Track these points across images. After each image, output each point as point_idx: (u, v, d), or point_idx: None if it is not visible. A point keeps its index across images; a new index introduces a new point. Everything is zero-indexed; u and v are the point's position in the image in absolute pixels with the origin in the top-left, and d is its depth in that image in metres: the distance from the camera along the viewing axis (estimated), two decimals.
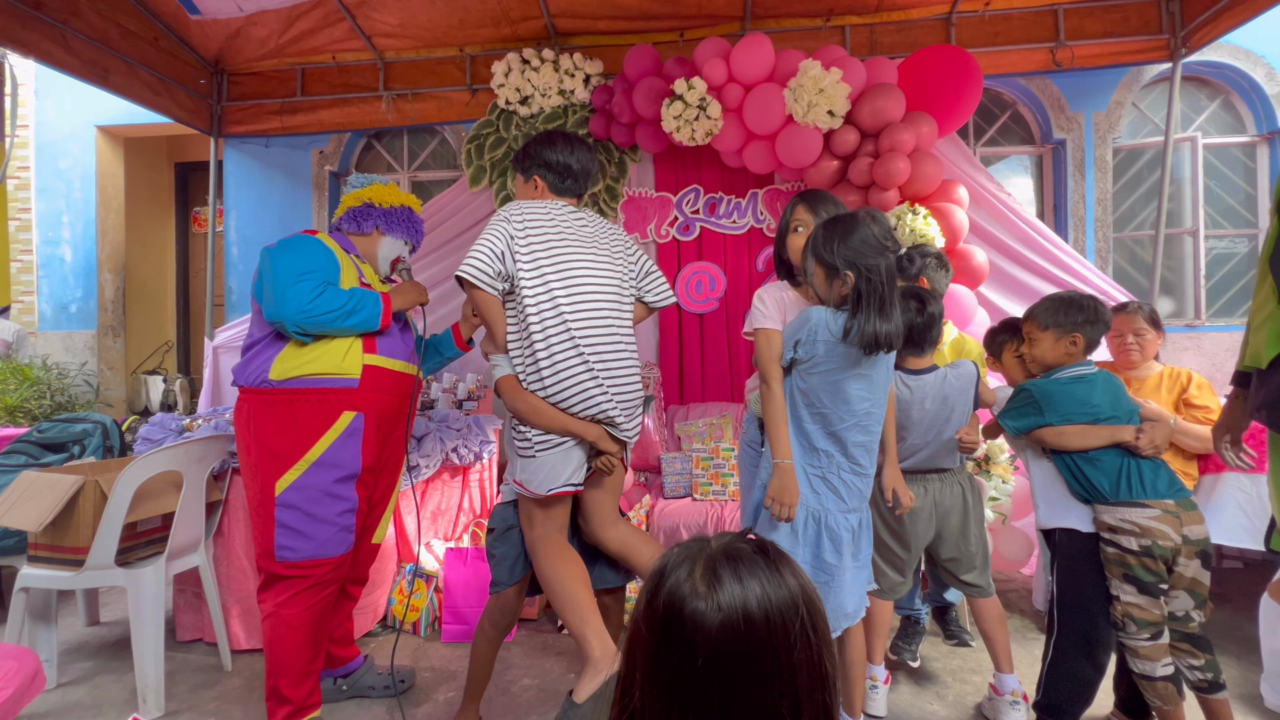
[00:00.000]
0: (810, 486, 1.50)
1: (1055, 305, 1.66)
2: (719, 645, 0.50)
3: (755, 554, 0.54)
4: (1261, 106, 3.16)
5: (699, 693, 0.50)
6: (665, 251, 3.34)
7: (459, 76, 3.50)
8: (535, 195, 1.69)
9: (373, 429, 1.69)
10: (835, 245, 1.43)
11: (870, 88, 2.73)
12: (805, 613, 0.52)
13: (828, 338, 1.44)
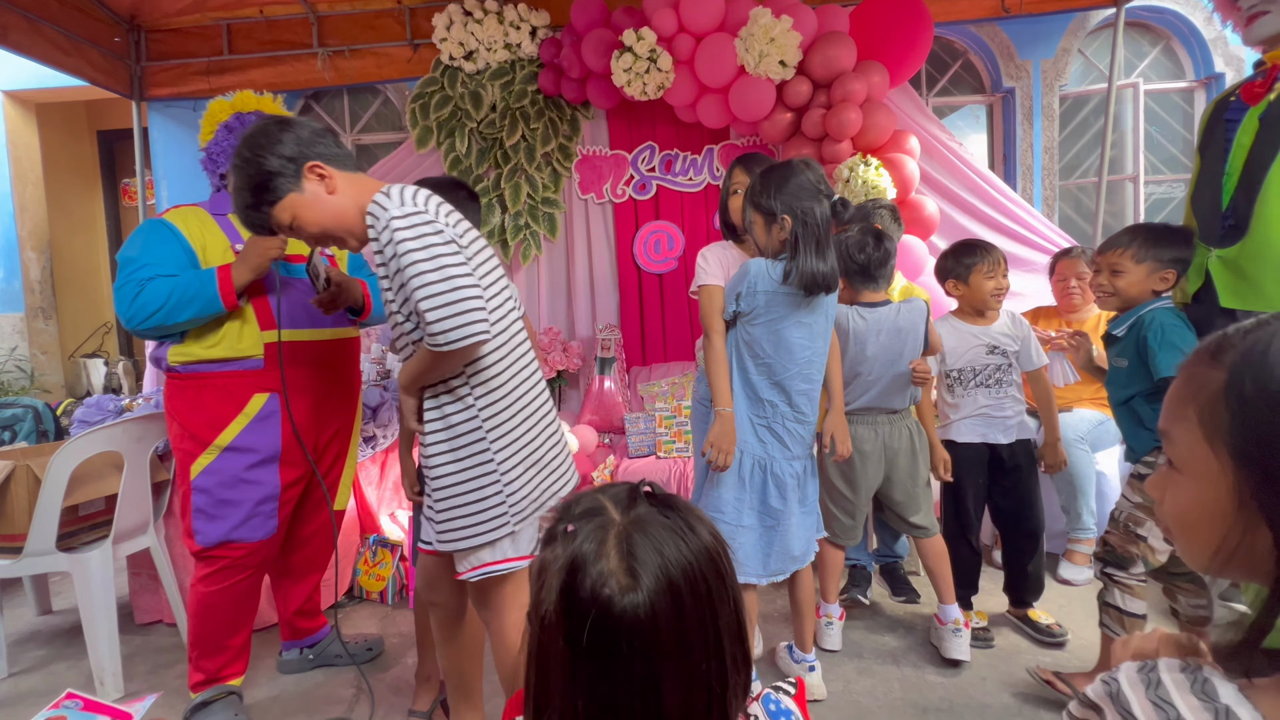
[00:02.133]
0: (756, 436, 1.55)
1: (1154, 235, 1.56)
2: (653, 633, 0.46)
3: (664, 514, 0.51)
4: (1200, 51, 3.23)
5: (635, 695, 0.46)
6: (622, 211, 3.29)
7: (399, 31, 3.32)
8: None
9: (301, 407, 1.59)
10: (772, 192, 1.47)
11: (822, 36, 2.69)
12: (722, 563, 0.50)
13: (768, 287, 1.47)
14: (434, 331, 1.05)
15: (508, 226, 3.22)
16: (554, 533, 0.52)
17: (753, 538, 1.58)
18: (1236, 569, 0.44)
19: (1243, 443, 0.42)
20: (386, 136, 3.65)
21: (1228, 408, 0.43)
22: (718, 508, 1.57)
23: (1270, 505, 0.41)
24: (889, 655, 1.87)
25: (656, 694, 0.46)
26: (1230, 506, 0.43)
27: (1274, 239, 1.37)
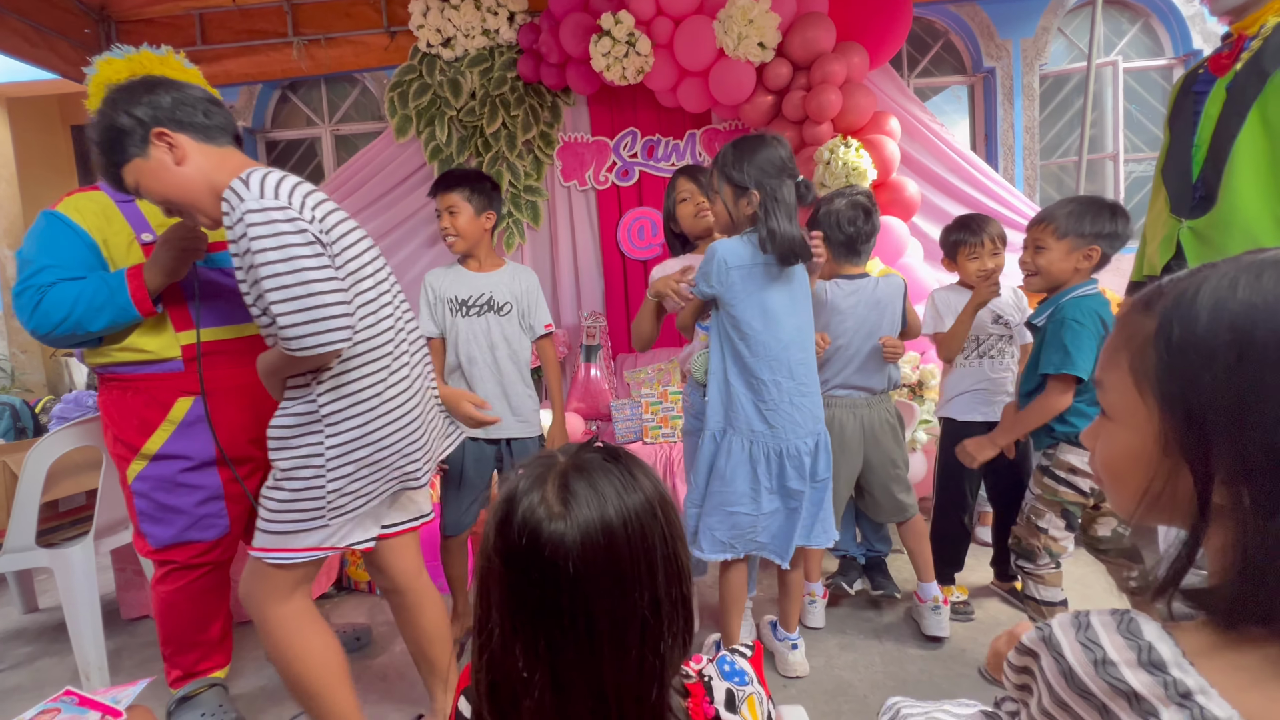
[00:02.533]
0: (766, 422, 1.51)
1: (1078, 208, 1.49)
2: (582, 562, 0.49)
3: (606, 461, 0.53)
4: (1179, 28, 3.24)
5: (565, 613, 0.49)
6: (605, 198, 3.27)
7: (375, 18, 3.28)
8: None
9: (233, 409, 1.48)
10: (744, 163, 1.46)
11: (800, 17, 2.68)
12: (661, 511, 0.52)
13: (739, 263, 1.47)
14: (286, 336, 1.02)
15: None
16: (506, 476, 0.55)
17: (779, 520, 1.56)
18: (1160, 513, 0.45)
19: (1168, 386, 0.43)
20: (366, 126, 3.61)
21: (1156, 353, 0.44)
22: (734, 501, 1.53)
23: (1191, 448, 0.42)
24: (871, 632, 1.90)
25: (588, 621, 0.49)
26: (1156, 451, 0.44)
27: (1241, 207, 1.38)
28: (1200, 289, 0.43)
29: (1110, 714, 0.41)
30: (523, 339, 1.88)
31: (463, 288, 1.83)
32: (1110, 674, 0.41)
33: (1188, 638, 0.41)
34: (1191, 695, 0.38)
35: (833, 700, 1.59)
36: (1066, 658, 0.43)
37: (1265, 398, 0.39)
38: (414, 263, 3.36)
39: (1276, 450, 0.38)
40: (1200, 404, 0.41)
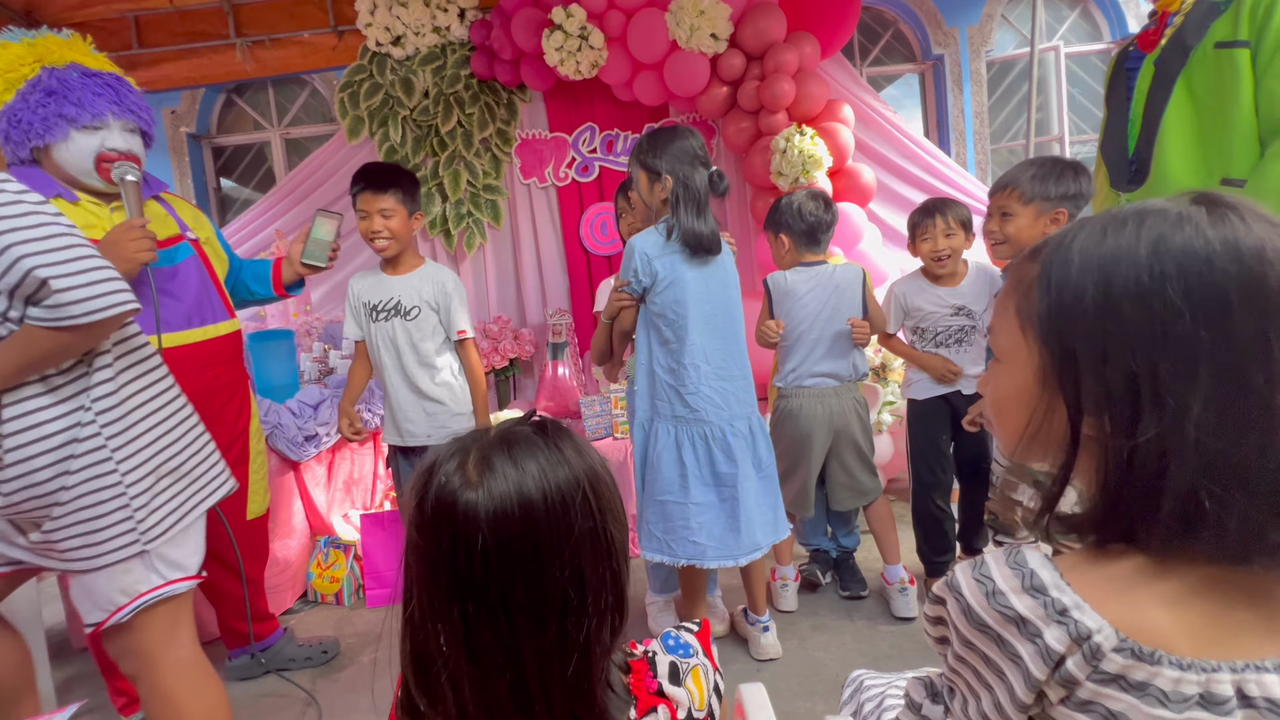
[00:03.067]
0: (688, 405, 1.55)
1: (1040, 170, 1.49)
2: (497, 533, 0.48)
3: (534, 434, 0.52)
4: (1115, 13, 3.35)
5: (478, 586, 0.48)
6: (566, 195, 3.25)
7: (321, 18, 3.19)
8: None
9: None
10: (657, 151, 1.52)
11: (751, 8, 2.69)
12: (587, 485, 0.51)
13: (658, 252, 1.51)
14: (65, 301, 0.83)
15: (449, 215, 3.15)
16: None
17: (712, 515, 1.55)
18: (1039, 447, 0.49)
19: (1045, 325, 0.46)
20: (317, 129, 3.52)
21: (1038, 295, 0.47)
22: (664, 489, 1.56)
23: (1066, 381, 0.45)
24: (843, 611, 1.92)
25: (503, 594, 0.48)
26: (1036, 387, 0.48)
27: (1171, 177, 1.43)
28: (1075, 238, 0.47)
29: (1005, 643, 0.44)
30: (438, 343, 1.82)
31: (376, 292, 1.82)
32: (1000, 603, 0.44)
33: (1066, 561, 0.45)
34: (1068, 612, 0.42)
35: (805, 680, 1.60)
36: (965, 596, 0.46)
37: (1123, 333, 0.43)
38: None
39: (1133, 379, 0.42)
40: (1071, 340, 0.45)
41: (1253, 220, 0.43)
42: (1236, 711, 0.40)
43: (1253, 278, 0.41)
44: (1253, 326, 0.41)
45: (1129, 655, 0.41)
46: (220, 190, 3.73)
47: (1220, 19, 1.34)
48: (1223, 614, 0.42)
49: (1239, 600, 0.42)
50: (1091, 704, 0.42)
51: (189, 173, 3.50)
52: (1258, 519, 0.41)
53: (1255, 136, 1.32)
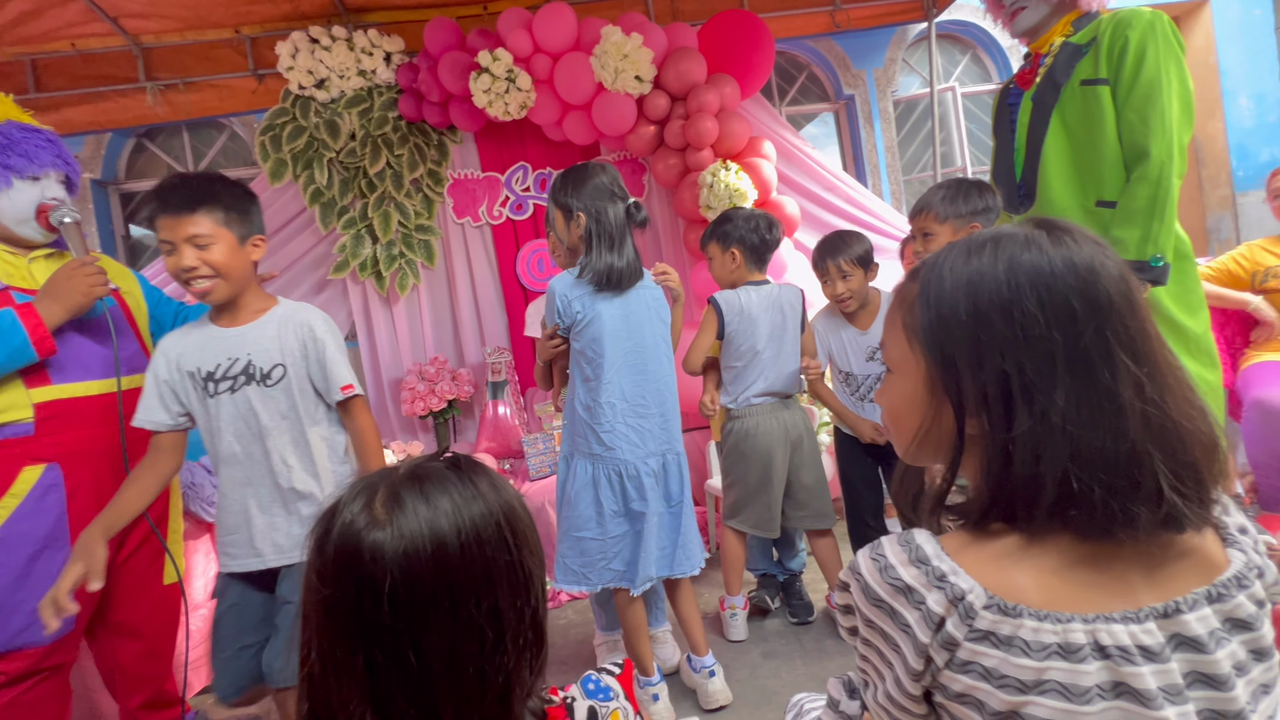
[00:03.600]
0: (603, 442, 1.54)
1: (951, 191, 1.58)
2: (407, 573, 0.46)
3: (447, 470, 0.51)
4: (1000, 57, 3.70)
5: (386, 631, 0.46)
6: (501, 233, 3.25)
7: (240, 61, 3.12)
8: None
9: (86, 477, 1.34)
10: (570, 190, 1.54)
11: (673, 52, 2.82)
12: (503, 519, 0.50)
13: (578, 292, 1.53)
14: None
15: (380, 257, 3.08)
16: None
17: (629, 544, 1.56)
18: (929, 449, 0.54)
19: (928, 337, 0.52)
20: (237, 173, 3.39)
21: (920, 310, 0.53)
22: (580, 525, 1.55)
23: (950, 385, 0.50)
24: (792, 635, 1.92)
25: (414, 638, 0.46)
26: (924, 393, 0.53)
27: (1054, 200, 1.56)
28: (946, 259, 0.53)
29: (897, 614, 0.49)
30: (317, 413, 1.31)
31: (207, 354, 1.26)
32: (890, 575, 0.50)
33: (949, 539, 0.51)
34: (945, 577, 0.47)
35: (757, 711, 1.58)
36: (863, 575, 0.51)
37: (993, 340, 0.49)
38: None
39: (1005, 379, 0.48)
40: (951, 348, 0.50)
41: (1081, 241, 0.50)
42: (1092, 660, 0.44)
43: (1088, 287, 0.48)
44: (1094, 328, 0.47)
45: (996, 610, 0.46)
46: (130, 238, 3.52)
47: (1084, 59, 1.49)
48: (1077, 576, 0.47)
49: (1092, 565, 0.47)
50: (970, 664, 0.46)
51: (93, 220, 3.30)
52: (1119, 495, 0.46)
53: (1121, 162, 1.47)
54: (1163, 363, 0.49)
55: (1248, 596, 0.47)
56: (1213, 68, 3.58)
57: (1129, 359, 0.47)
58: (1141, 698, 0.43)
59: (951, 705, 0.48)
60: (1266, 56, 3.61)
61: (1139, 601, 0.46)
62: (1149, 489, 0.46)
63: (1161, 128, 1.39)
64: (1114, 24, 1.44)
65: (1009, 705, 0.45)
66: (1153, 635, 0.45)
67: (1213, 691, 0.45)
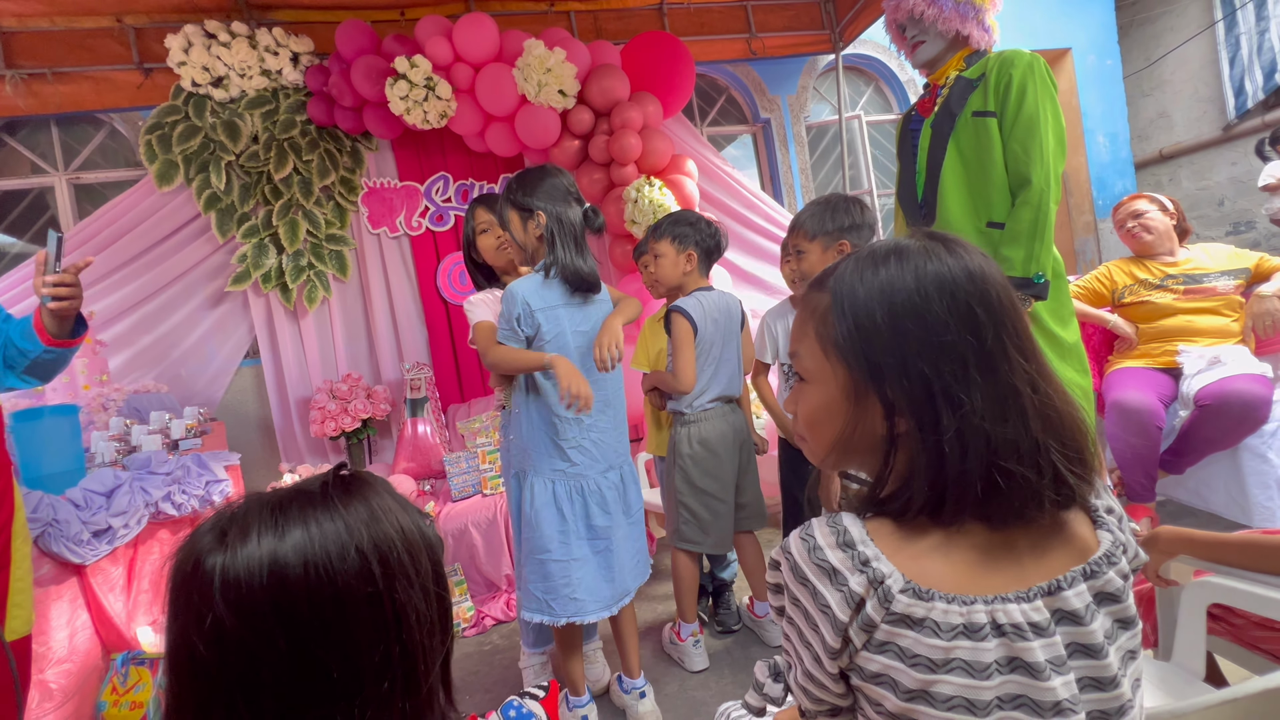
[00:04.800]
0: (566, 458, 1.49)
1: (820, 209, 1.58)
2: (236, 605, 0.42)
3: (318, 493, 0.47)
4: (899, 90, 4.00)
5: (210, 666, 0.42)
6: (420, 244, 3.13)
7: (122, 53, 2.85)
8: None
9: None
10: (528, 190, 1.48)
11: (596, 68, 2.84)
12: (368, 549, 0.46)
13: (541, 303, 1.46)
14: None
15: (286, 268, 2.89)
16: None
17: (589, 569, 1.49)
18: (851, 455, 0.56)
19: (847, 346, 0.54)
20: (117, 174, 3.09)
21: (834, 320, 0.55)
22: (543, 547, 1.47)
23: (877, 389, 0.53)
24: (720, 645, 1.93)
25: (245, 680, 0.42)
26: (843, 400, 0.55)
27: (951, 220, 1.69)
28: (855, 270, 0.55)
29: (818, 594, 0.51)
30: None
31: None
32: (818, 556, 0.52)
33: (874, 526, 0.53)
34: (869, 562, 0.50)
35: None
36: (793, 554, 0.53)
37: (911, 345, 0.51)
38: (193, 326, 2.90)
39: (927, 382, 0.51)
40: (875, 355, 0.53)
41: (967, 251, 0.54)
42: (991, 638, 0.48)
43: (983, 294, 0.52)
44: (992, 330, 0.51)
45: (911, 595, 0.49)
46: None
47: (975, 92, 1.64)
48: (984, 562, 0.51)
49: (995, 552, 0.51)
50: (886, 644, 0.49)
51: None
52: (1029, 482, 0.50)
53: (1007, 187, 1.62)
54: (1039, 355, 0.54)
55: (1115, 572, 0.52)
56: (1075, 109, 4.04)
57: (1021, 358, 0.52)
58: (1032, 670, 0.47)
59: (867, 687, 0.50)
60: (1118, 101, 4.12)
61: (1029, 582, 0.50)
62: (1049, 473, 0.50)
63: (1040, 158, 1.54)
64: (1000, 62, 1.60)
65: (920, 684, 0.48)
66: (1040, 612, 0.49)
67: (1090, 660, 0.50)
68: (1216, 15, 3.68)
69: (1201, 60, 3.79)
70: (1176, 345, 2.18)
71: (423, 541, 0.50)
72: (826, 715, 0.58)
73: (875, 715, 0.52)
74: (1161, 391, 2.11)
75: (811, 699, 0.56)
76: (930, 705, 0.48)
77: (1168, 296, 2.22)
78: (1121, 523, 0.57)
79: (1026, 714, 0.47)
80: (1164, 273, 2.25)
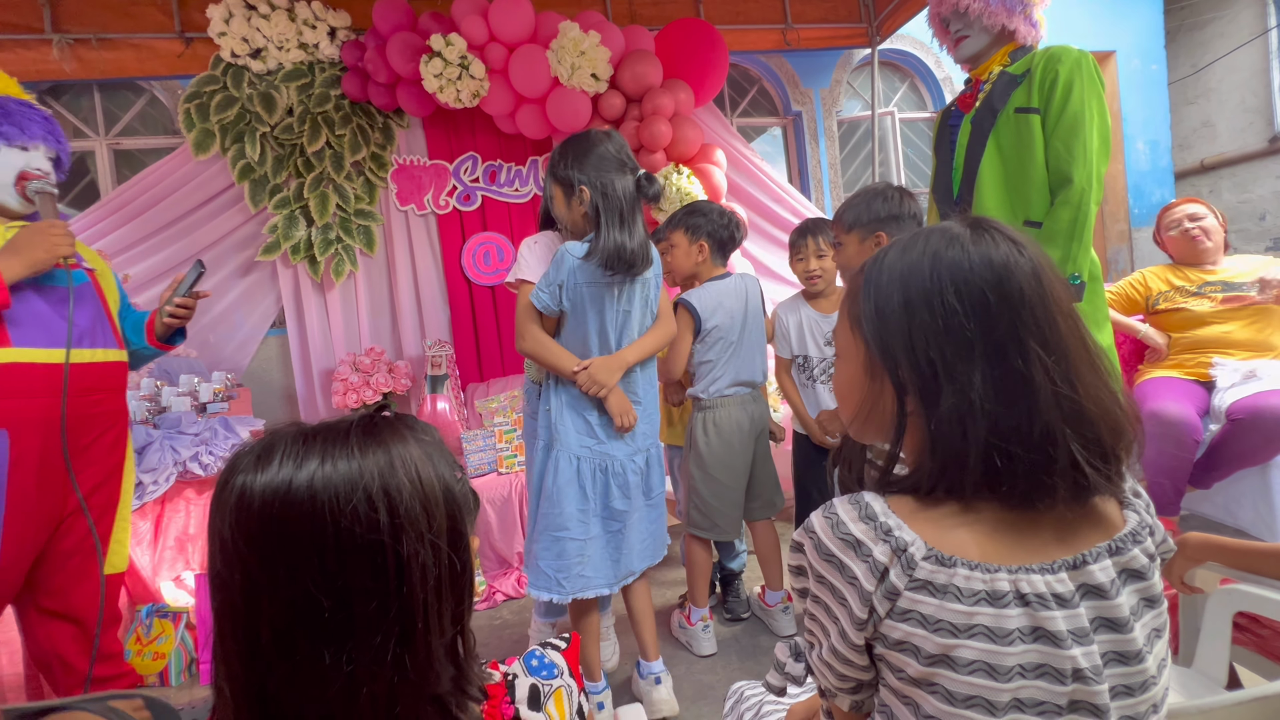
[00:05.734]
0: (596, 436, 1.46)
1: (860, 200, 1.55)
2: (241, 524, 0.45)
3: (348, 431, 0.49)
4: (935, 88, 3.93)
5: (227, 588, 0.45)
6: (447, 222, 3.15)
7: (164, 21, 2.90)
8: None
9: (33, 446, 1.29)
10: (570, 161, 1.38)
11: (630, 53, 2.83)
12: (378, 495, 0.46)
13: (585, 278, 1.39)
14: None
15: (315, 241, 2.93)
16: None
17: (598, 547, 1.48)
18: (871, 428, 0.59)
19: (868, 325, 0.57)
20: (155, 141, 3.15)
21: (862, 301, 0.58)
22: (561, 525, 1.45)
23: (889, 368, 0.55)
24: (729, 632, 1.94)
25: (250, 597, 0.45)
26: (864, 376, 0.58)
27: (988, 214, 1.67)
28: (887, 255, 0.58)
29: (845, 567, 0.53)
30: None
31: None
32: (841, 531, 0.53)
33: (895, 502, 0.55)
34: (891, 531, 0.52)
35: (694, 705, 1.59)
36: (816, 532, 0.55)
37: (920, 328, 0.54)
38: (222, 295, 2.96)
39: (931, 363, 0.53)
40: (888, 336, 0.55)
41: (1001, 240, 0.55)
42: (1013, 606, 0.49)
43: (1000, 282, 0.53)
44: (1007, 319, 0.53)
45: (934, 562, 0.50)
46: None
47: (1019, 88, 1.60)
48: (1004, 536, 0.52)
49: (1019, 527, 0.53)
50: (909, 612, 0.50)
51: None
52: (1035, 468, 0.51)
53: (1047, 186, 1.59)
54: (1073, 350, 0.54)
55: (1141, 550, 0.53)
56: (1116, 114, 3.94)
57: (1039, 347, 0.52)
58: (1054, 639, 0.49)
59: (890, 654, 0.52)
60: (1160, 107, 4.02)
61: (1052, 556, 0.51)
62: (1063, 462, 0.51)
63: (1084, 157, 1.51)
64: (1046, 58, 1.56)
65: (942, 648, 0.49)
66: (1064, 584, 0.50)
67: (1115, 634, 0.51)
68: (1270, 23, 3.56)
69: (1251, 69, 3.67)
70: (1211, 357, 2.14)
71: (444, 496, 0.49)
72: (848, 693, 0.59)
73: (897, 682, 0.53)
74: (1195, 403, 2.07)
75: (835, 675, 0.57)
76: (951, 669, 0.49)
77: (1205, 304, 2.17)
78: (1149, 508, 0.58)
79: (1049, 682, 0.48)
80: (1202, 279, 2.20)
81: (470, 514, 0.53)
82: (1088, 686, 0.48)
